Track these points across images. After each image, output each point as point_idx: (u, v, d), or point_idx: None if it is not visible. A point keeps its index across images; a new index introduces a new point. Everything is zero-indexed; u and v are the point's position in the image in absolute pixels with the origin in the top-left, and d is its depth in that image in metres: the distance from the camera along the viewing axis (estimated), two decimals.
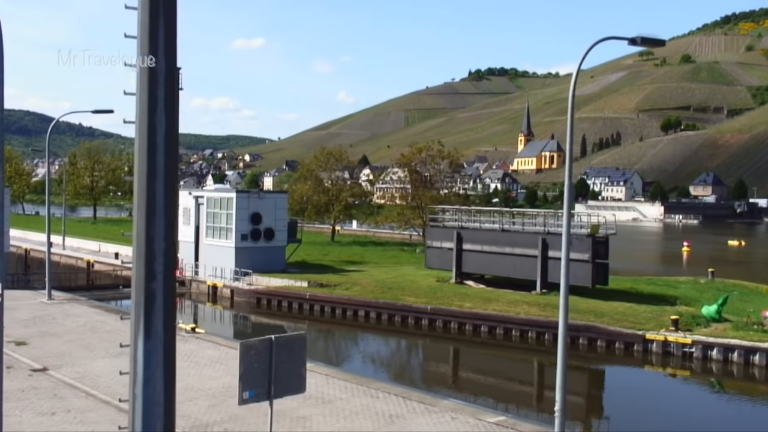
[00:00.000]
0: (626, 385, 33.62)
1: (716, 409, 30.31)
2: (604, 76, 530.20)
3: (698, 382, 33.63)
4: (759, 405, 31.04)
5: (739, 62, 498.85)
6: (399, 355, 40.14)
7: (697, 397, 31.92)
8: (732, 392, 32.16)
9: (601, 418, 29.27)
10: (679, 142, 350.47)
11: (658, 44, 18.09)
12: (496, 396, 29.86)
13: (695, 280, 50.61)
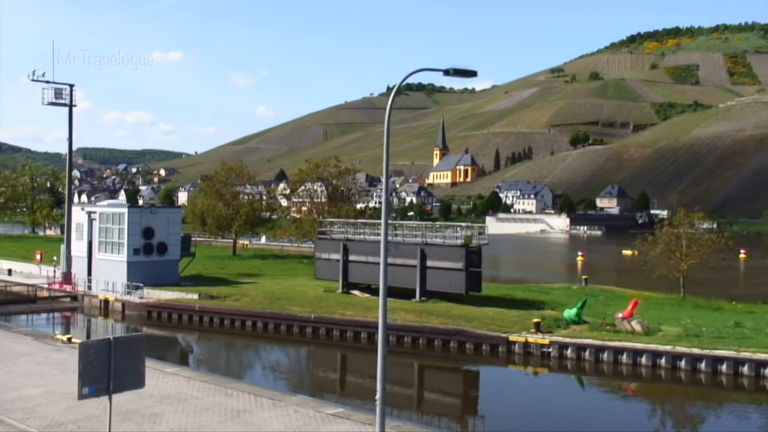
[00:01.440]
0: (495, 384, 36.04)
1: (574, 400, 32.81)
2: (518, 92, 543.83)
3: (556, 378, 36.22)
4: (607, 395, 33.77)
5: (644, 80, 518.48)
6: (278, 360, 41.67)
7: (557, 391, 34.43)
8: (588, 385, 34.89)
9: (476, 416, 31.38)
10: (587, 156, 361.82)
11: (469, 75, 20.09)
12: (363, 395, 31.77)
13: (568, 286, 53.80)
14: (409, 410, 30.38)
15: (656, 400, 33.00)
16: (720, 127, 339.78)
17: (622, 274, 69.17)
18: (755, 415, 30.69)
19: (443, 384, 36.79)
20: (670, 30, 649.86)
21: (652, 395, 33.61)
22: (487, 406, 32.49)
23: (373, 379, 36.72)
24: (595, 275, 79.07)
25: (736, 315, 42.84)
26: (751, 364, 33.28)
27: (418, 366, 39.13)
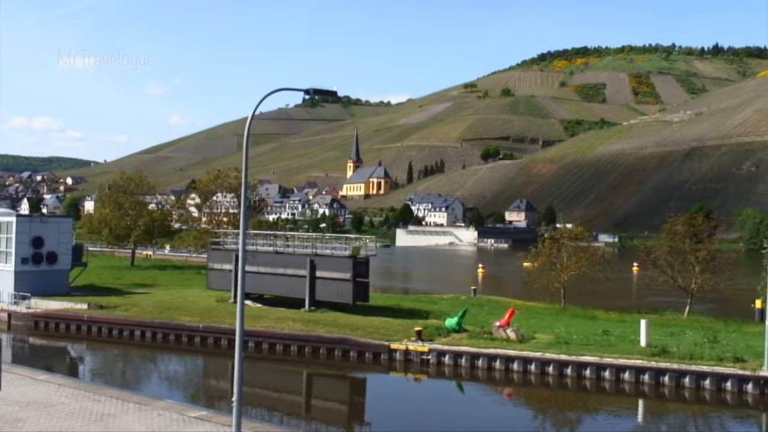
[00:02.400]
0: (379, 390, 37.34)
1: (452, 405, 34.24)
2: (432, 107, 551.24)
3: (435, 384, 37.73)
4: (482, 400, 35.38)
5: (554, 97, 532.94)
6: (164, 369, 41.96)
7: (436, 396, 35.87)
8: (465, 391, 36.49)
9: (362, 423, 32.45)
10: (498, 170, 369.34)
11: (330, 94, 21.16)
12: (247, 402, 32.50)
13: (457, 297, 55.58)
14: (297, 417, 31.34)
15: (527, 403, 34.86)
16: (623, 145, 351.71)
17: (518, 285, 71.47)
18: (614, 417, 32.71)
19: (329, 391, 37.83)
20: (579, 49, 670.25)
21: (523, 399, 35.49)
22: (372, 413, 33.60)
23: (254, 386, 37.64)
24: (492, 286, 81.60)
25: (608, 324, 45.21)
26: (611, 369, 35.45)
27: (306, 374, 40.11)
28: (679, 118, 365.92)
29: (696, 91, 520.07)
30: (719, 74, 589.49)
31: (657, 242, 62.47)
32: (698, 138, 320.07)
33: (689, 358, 35.51)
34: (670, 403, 34.21)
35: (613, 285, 77.90)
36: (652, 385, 34.73)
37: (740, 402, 33.14)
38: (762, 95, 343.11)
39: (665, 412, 33.83)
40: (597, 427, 31.10)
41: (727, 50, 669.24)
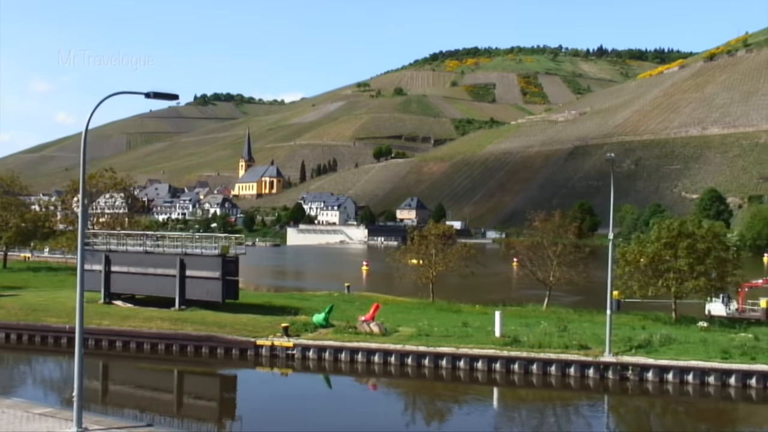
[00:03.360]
0: (249, 385, 38.12)
1: (319, 397, 35.34)
2: (325, 105, 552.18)
3: (301, 378, 38.69)
4: (343, 390, 36.65)
5: (445, 96, 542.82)
6: (28, 370, 41.45)
7: (303, 389, 36.85)
8: (329, 383, 37.73)
9: (233, 419, 33.02)
10: (390, 169, 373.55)
11: (170, 98, 21.83)
12: (111, 401, 32.88)
13: (330, 293, 56.78)
14: (169, 415, 31.73)
15: (388, 393, 36.42)
16: (511, 144, 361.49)
17: (399, 281, 73.11)
18: (471, 405, 34.51)
19: (200, 389, 38.31)
20: (470, 50, 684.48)
21: (385, 388, 37.04)
22: (243, 408, 34.22)
23: (124, 385, 37.83)
24: (375, 283, 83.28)
25: (471, 316, 47.21)
26: (466, 359, 37.32)
27: (177, 372, 40.44)
28: (564, 117, 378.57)
29: (581, 92, 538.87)
30: (603, 75, 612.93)
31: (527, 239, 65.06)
32: (581, 137, 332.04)
33: (538, 346, 37.72)
34: (520, 389, 36.33)
35: (495, 280, 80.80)
36: (503, 373, 36.75)
37: (582, 386, 35.49)
38: (641, 96, 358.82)
39: (517, 398, 35.90)
40: (456, 414, 32.91)
41: (610, 52, 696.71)
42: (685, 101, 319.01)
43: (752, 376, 33.96)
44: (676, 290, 44.21)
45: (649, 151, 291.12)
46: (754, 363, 34.66)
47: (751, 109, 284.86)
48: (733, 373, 34.14)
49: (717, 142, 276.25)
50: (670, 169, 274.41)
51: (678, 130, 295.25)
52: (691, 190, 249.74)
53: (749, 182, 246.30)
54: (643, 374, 35.25)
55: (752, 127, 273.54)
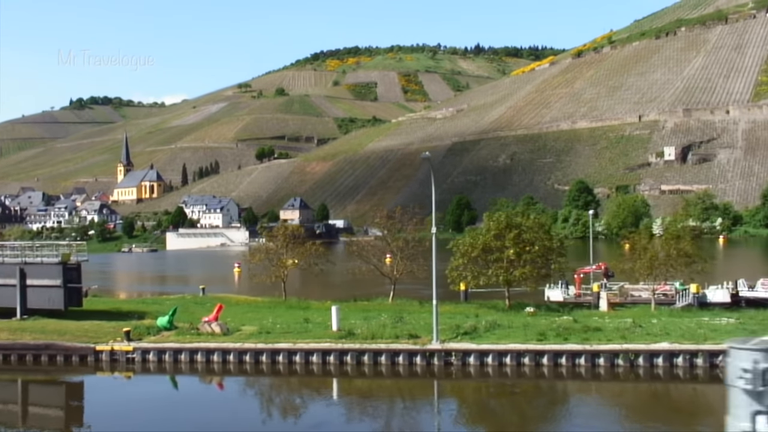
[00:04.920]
0: (96, 392, 38.15)
1: (161, 398, 35.76)
2: (206, 107, 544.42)
3: (142, 380, 39.15)
4: (188, 390, 37.35)
5: (327, 96, 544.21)
6: None
7: (147, 390, 37.33)
8: (172, 384, 38.23)
9: (81, 426, 33.06)
10: (273, 169, 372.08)
11: None
12: None
13: (183, 296, 57.16)
14: (15, 427, 31.55)
15: (229, 390, 37.44)
16: (392, 141, 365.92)
17: (266, 281, 73.86)
18: (308, 396, 35.88)
19: (45, 398, 38.17)
20: (351, 49, 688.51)
21: (224, 385, 38.05)
22: (90, 415, 34.32)
23: None
24: (244, 284, 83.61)
25: (317, 313, 48.55)
26: (302, 353, 38.70)
27: (21, 382, 40.11)
28: (443, 115, 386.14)
29: (461, 89, 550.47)
30: (481, 72, 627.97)
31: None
32: (459, 133, 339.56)
33: (371, 337, 39.46)
34: (354, 379, 37.97)
35: (368, 276, 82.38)
36: (337, 365, 38.31)
37: (411, 373, 37.44)
38: (515, 92, 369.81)
39: (351, 387, 37.55)
40: (296, 406, 34.35)
41: (487, 50, 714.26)
42: (556, 96, 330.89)
43: (563, 355, 36.65)
44: (504, 278, 46.91)
45: (523, 146, 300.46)
46: (565, 343, 37.39)
47: (616, 103, 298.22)
48: (546, 353, 36.76)
49: (586, 136, 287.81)
50: (543, 163, 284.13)
51: (550, 124, 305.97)
52: (563, 182, 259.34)
53: (616, 173, 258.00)
54: (466, 359, 37.47)
55: (618, 120, 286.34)
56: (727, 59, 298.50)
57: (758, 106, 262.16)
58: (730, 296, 51.70)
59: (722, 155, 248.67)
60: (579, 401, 34.74)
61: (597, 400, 34.64)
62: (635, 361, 35.87)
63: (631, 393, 35.18)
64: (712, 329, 38.66)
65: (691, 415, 32.09)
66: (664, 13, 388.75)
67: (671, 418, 31.80)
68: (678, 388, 35.44)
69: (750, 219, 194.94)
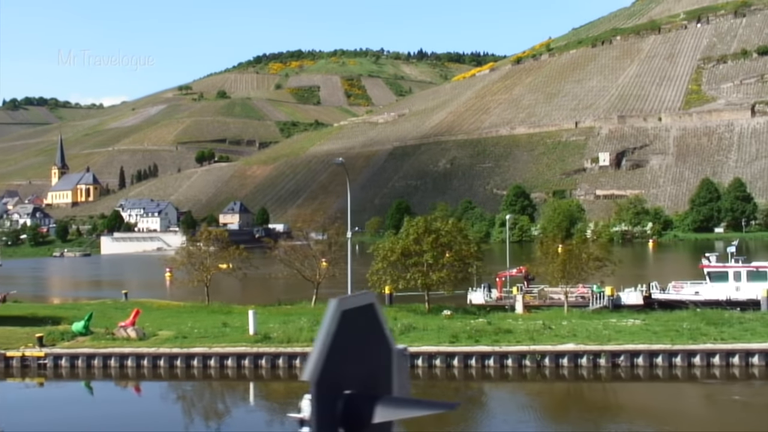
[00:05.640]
0: (8, 399, 37.63)
1: (77, 401, 35.58)
2: (145, 109, 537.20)
3: (57, 386, 38.84)
4: (100, 395, 37.18)
5: (270, 99, 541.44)
6: None
7: (60, 395, 37.07)
8: (91, 388, 38.01)
9: None
10: (213, 173, 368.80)
11: None
12: None
13: (104, 301, 56.69)
14: None
15: (140, 394, 37.41)
16: (333, 145, 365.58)
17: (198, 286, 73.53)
18: (221, 399, 36.10)
19: None
20: (294, 52, 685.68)
21: (139, 390, 38.02)
22: (4, 422, 33.94)
23: None
24: (175, 289, 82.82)
25: (238, 317, 48.66)
26: (216, 357, 38.82)
27: None
28: (384, 119, 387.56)
29: (403, 94, 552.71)
30: (424, 77, 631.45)
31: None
32: (400, 138, 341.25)
33: (287, 341, 39.78)
34: (270, 382, 38.33)
35: (300, 280, 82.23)
36: (252, 369, 38.55)
37: None
38: (455, 98, 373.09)
39: (267, 391, 37.90)
40: (215, 410, 34.58)
41: (430, 55, 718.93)
42: (495, 102, 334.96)
43: (472, 356, 37.49)
44: (422, 282, 47.69)
45: (463, 151, 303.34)
46: (476, 345, 38.23)
47: (553, 110, 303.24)
48: (456, 355, 37.56)
49: (524, 141, 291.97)
50: (482, 168, 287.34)
51: (489, 129, 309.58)
52: (501, 187, 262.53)
53: (553, 178, 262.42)
54: None
55: (555, 126, 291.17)
56: (659, 68, 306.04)
57: (689, 114, 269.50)
58: (643, 299, 53.31)
59: (654, 161, 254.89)
60: (491, 401, 35.65)
61: (509, 401, 35.55)
62: (542, 362, 36.89)
63: (539, 393, 36.19)
64: (617, 330, 39.92)
65: (600, 413, 33.09)
66: (601, 22, 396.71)
67: (580, 416, 32.86)
68: (583, 387, 36.58)
69: (679, 223, 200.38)
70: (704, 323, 40.71)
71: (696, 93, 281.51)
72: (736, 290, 51.87)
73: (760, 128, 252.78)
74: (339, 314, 2.28)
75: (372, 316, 2.53)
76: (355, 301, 2.42)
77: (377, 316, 2.57)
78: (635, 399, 35.06)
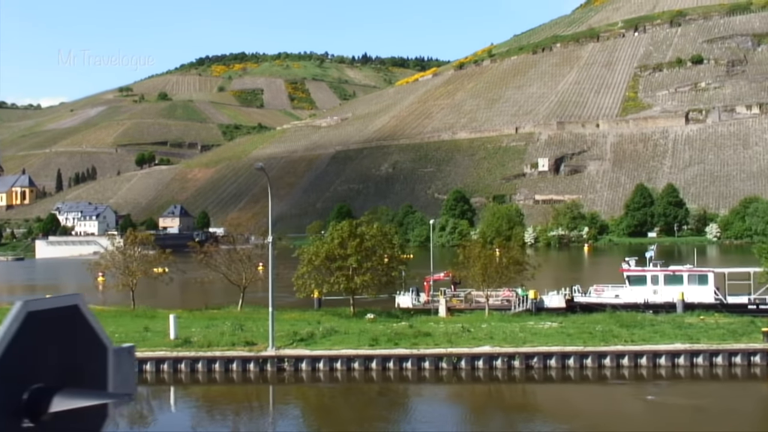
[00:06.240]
0: None
1: None
2: (84, 110, 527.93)
3: None
4: None
5: (212, 101, 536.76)
6: None
7: None
8: None
9: None
10: (153, 176, 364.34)
11: None
12: None
13: None
14: None
15: None
16: (276, 149, 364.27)
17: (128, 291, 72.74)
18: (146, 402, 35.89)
19: None
20: (237, 55, 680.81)
21: None
22: None
23: None
24: (106, 293, 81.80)
25: (163, 321, 48.36)
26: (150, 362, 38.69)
27: None
28: (327, 123, 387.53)
29: (347, 98, 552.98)
30: (368, 82, 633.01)
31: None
32: (343, 142, 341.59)
33: (207, 345, 39.82)
34: (190, 386, 38.33)
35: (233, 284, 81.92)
36: (171, 373, 38.50)
37: (244, 379, 38.10)
38: (398, 102, 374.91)
39: (188, 395, 37.87)
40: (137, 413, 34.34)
41: (375, 60, 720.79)
42: (438, 107, 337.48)
43: (390, 359, 38.04)
44: (345, 286, 48.11)
45: (405, 155, 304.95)
46: (395, 348, 38.80)
47: (494, 115, 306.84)
48: (375, 357, 38.06)
49: (465, 146, 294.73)
50: (424, 172, 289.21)
51: (431, 134, 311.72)
52: (442, 191, 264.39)
53: (493, 183, 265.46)
54: (298, 365, 38.37)
55: (496, 131, 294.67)
56: (598, 75, 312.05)
57: (625, 121, 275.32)
58: (565, 302, 54.53)
59: (592, 167, 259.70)
60: (410, 402, 36.17)
61: (429, 401, 36.07)
62: (458, 364, 37.60)
63: (457, 395, 36.89)
64: (533, 333, 40.87)
65: (515, 414, 33.84)
66: (541, 29, 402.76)
67: (495, 417, 33.60)
68: (498, 388, 37.37)
69: (615, 228, 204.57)
70: (618, 326, 41.94)
71: (633, 100, 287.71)
72: (654, 293, 53.43)
73: (694, 135, 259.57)
74: (24, 314, 2.38)
75: (77, 317, 2.65)
76: (53, 303, 2.52)
77: (84, 317, 2.69)
78: (548, 400, 36.00)
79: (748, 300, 52.29)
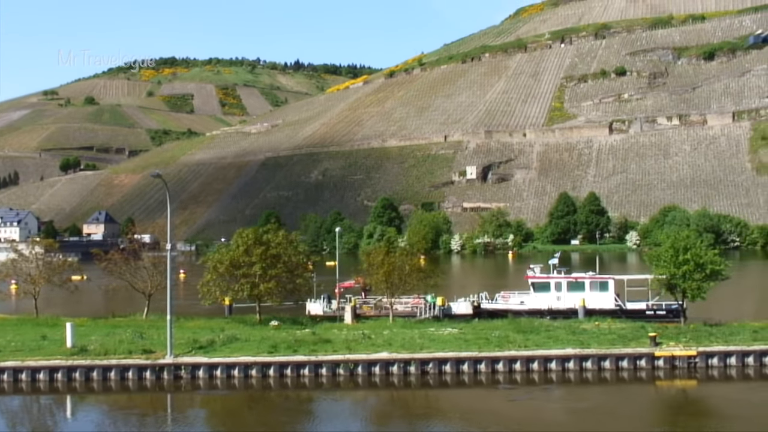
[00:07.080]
0: None
1: None
2: (6, 114, 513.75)
3: None
4: None
5: (141, 106, 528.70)
6: None
7: None
8: None
9: None
10: (78, 182, 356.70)
11: None
12: None
13: None
14: None
15: None
16: (205, 155, 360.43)
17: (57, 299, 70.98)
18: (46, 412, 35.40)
19: None
20: (167, 59, 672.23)
21: None
22: None
23: None
24: (21, 303, 79.88)
25: (62, 330, 47.55)
26: (28, 371, 38.10)
27: None
28: (257, 129, 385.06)
29: (279, 104, 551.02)
30: (300, 88, 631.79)
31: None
32: (273, 148, 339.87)
33: (104, 353, 39.38)
34: (85, 395, 37.82)
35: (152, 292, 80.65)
36: (65, 382, 37.97)
37: (141, 387, 37.77)
38: (329, 110, 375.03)
39: (83, 403, 37.37)
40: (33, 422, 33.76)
41: (307, 66, 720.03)
42: (368, 115, 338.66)
43: (288, 366, 38.25)
44: (249, 293, 48.13)
45: (335, 162, 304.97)
46: (293, 355, 38.98)
47: (424, 123, 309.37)
48: (272, 365, 38.21)
49: (395, 154, 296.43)
50: (354, 179, 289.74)
51: (361, 141, 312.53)
52: (372, 199, 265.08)
53: (422, 190, 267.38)
54: (195, 372, 38.25)
55: (425, 139, 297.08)
56: (525, 85, 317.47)
57: (551, 130, 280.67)
58: (472, 308, 55.44)
59: (519, 175, 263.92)
60: (308, 408, 36.23)
61: (330, 407, 36.12)
62: (355, 371, 37.97)
63: (355, 401, 37.13)
64: (431, 339, 41.52)
65: (413, 419, 34.18)
66: (471, 39, 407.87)
67: (393, 422, 33.96)
68: (394, 394, 37.76)
69: (539, 235, 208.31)
70: (515, 331, 42.90)
71: (559, 110, 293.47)
72: (557, 300, 54.76)
73: (617, 145, 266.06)
74: None
75: None
76: None
77: None
78: (443, 404, 36.48)
79: (646, 306, 54.04)
